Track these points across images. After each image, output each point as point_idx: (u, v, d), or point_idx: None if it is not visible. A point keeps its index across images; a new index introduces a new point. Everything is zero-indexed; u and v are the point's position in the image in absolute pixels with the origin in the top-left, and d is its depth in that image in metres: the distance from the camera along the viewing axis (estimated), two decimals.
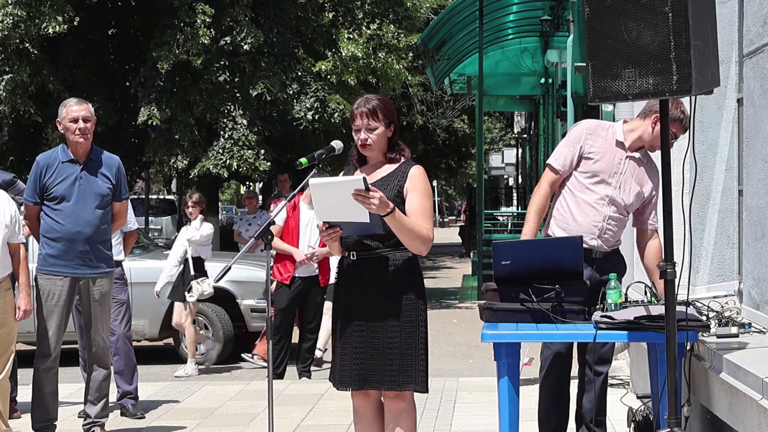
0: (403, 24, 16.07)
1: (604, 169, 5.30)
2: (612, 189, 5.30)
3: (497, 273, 4.85)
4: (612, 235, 5.35)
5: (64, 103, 6.49)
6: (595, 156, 5.32)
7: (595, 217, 5.30)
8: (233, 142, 14.31)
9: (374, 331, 4.54)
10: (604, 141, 5.35)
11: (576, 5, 14.80)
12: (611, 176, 5.30)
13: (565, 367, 5.46)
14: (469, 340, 12.12)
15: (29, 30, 13.28)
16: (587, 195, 5.33)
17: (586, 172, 5.33)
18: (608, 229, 5.32)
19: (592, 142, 5.34)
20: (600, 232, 5.30)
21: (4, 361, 6.06)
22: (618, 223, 5.36)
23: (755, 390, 4.00)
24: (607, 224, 5.31)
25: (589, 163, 5.32)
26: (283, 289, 9.04)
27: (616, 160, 5.32)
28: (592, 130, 5.39)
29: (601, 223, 5.30)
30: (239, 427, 7.03)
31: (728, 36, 5.81)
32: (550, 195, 5.43)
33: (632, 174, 5.33)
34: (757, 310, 5.03)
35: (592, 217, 5.30)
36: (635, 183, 5.33)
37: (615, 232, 5.35)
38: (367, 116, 4.58)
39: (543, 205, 5.42)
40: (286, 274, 9.00)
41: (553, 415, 5.45)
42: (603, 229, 5.30)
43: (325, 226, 4.48)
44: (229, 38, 14.25)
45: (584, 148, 5.34)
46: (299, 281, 9.02)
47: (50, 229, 6.33)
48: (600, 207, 5.30)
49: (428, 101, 27.50)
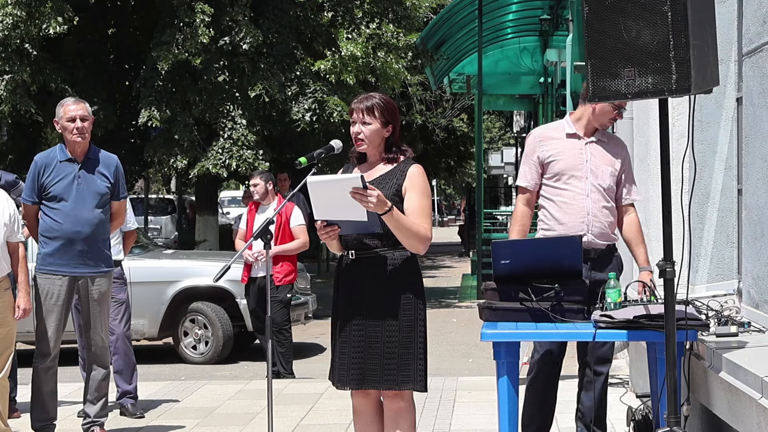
0: (403, 23, 16.07)
1: (569, 165, 5.34)
2: (585, 180, 5.31)
3: (497, 272, 4.85)
4: (602, 227, 5.32)
5: (61, 103, 6.49)
6: (555, 157, 5.36)
7: (579, 213, 5.30)
8: (232, 142, 14.32)
9: (373, 330, 4.54)
10: (558, 141, 5.40)
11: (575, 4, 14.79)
12: (579, 169, 5.33)
13: (553, 373, 5.44)
14: (469, 340, 12.12)
15: (29, 30, 13.28)
16: (564, 195, 5.34)
17: (554, 175, 5.36)
18: (596, 223, 5.30)
19: (546, 146, 5.40)
20: (588, 227, 5.29)
21: (4, 361, 6.06)
22: (604, 213, 5.34)
23: (754, 389, 4.00)
24: (593, 217, 5.30)
25: (552, 166, 5.36)
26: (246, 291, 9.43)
27: (576, 152, 5.35)
28: (542, 136, 5.48)
29: (587, 217, 5.30)
30: (239, 426, 7.03)
31: (727, 35, 5.81)
32: (529, 213, 5.48)
33: (599, 157, 5.36)
34: (757, 309, 5.03)
35: (576, 214, 5.30)
36: (605, 164, 5.35)
37: (604, 224, 5.33)
38: (363, 112, 4.58)
39: (523, 226, 5.47)
40: (244, 275, 9.29)
41: (536, 418, 5.43)
42: (590, 223, 5.29)
43: (323, 225, 4.48)
44: (229, 38, 14.25)
45: (541, 156, 5.39)
46: (255, 281, 9.24)
47: (49, 228, 6.33)
48: (580, 202, 5.30)
49: (427, 101, 27.50)
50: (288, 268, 9.21)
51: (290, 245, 9.15)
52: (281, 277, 9.16)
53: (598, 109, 5.33)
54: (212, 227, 17.03)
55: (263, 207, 9.30)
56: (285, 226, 9.16)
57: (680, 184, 4.69)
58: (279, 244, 9.08)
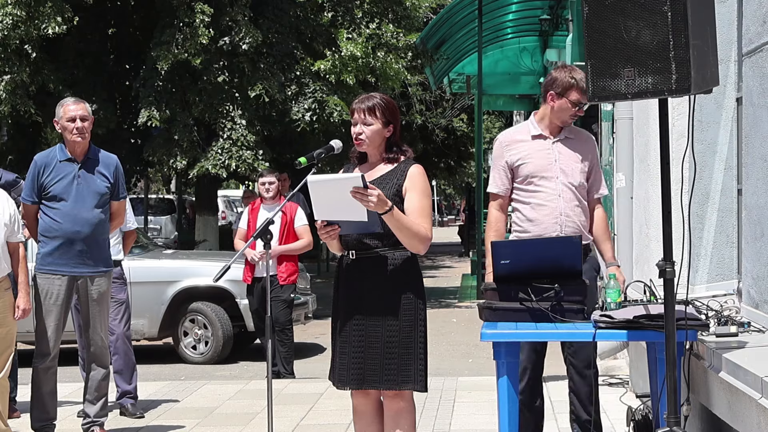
0: (402, 23, 16.08)
1: (538, 167, 5.33)
2: (556, 180, 5.30)
3: (496, 272, 4.85)
4: (575, 227, 5.30)
5: (61, 103, 6.49)
6: (523, 160, 5.36)
7: (552, 214, 5.30)
8: (232, 142, 14.31)
9: (373, 330, 4.54)
10: (524, 143, 5.40)
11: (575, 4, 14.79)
12: (548, 169, 5.32)
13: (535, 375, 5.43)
14: (469, 340, 12.12)
15: (29, 30, 13.28)
16: (537, 197, 5.33)
17: (524, 178, 5.35)
18: (568, 223, 5.29)
19: (513, 150, 5.40)
20: (561, 228, 5.28)
21: (4, 361, 6.06)
22: (577, 212, 5.33)
23: (754, 389, 4.00)
24: (566, 217, 5.29)
25: (522, 169, 5.36)
26: (248, 291, 9.36)
27: (544, 153, 5.35)
28: (507, 141, 5.47)
29: (560, 217, 5.29)
30: (238, 426, 7.03)
31: (727, 35, 5.80)
32: (503, 218, 5.48)
33: (567, 155, 5.36)
34: (757, 309, 5.03)
35: (549, 215, 5.30)
36: (574, 162, 5.35)
37: (577, 223, 5.32)
38: (365, 112, 4.58)
39: (498, 231, 5.46)
40: (247, 275, 9.24)
41: (530, 422, 5.42)
42: (563, 223, 5.29)
43: (323, 224, 4.48)
44: (228, 38, 14.24)
45: (509, 160, 5.39)
46: (259, 281, 9.17)
47: (48, 228, 6.33)
48: (553, 202, 5.30)
49: (427, 101, 27.50)
50: (292, 268, 9.22)
51: (295, 245, 9.15)
52: (285, 277, 9.16)
53: (557, 106, 5.33)
54: (212, 227, 17.04)
55: (271, 206, 9.19)
56: (290, 226, 9.16)
57: (680, 184, 4.69)
58: (283, 244, 9.09)
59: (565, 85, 5.32)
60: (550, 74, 5.46)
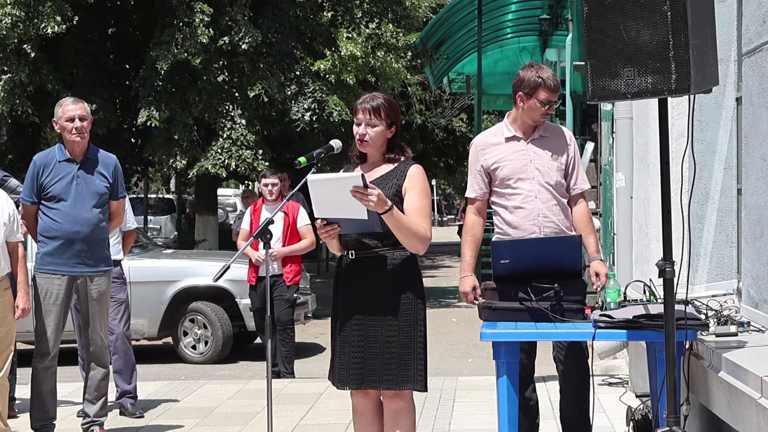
0: (402, 23, 16.08)
1: (513, 169, 5.29)
2: (532, 181, 5.27)
3: (496, 272, 4.85)
4: (553, 227, 5.24)
5: (60, 103, 6.49)
6: (498, 163, 5.32)
7: (529, 216, 5.26)
8: (232, 141, 14.32)
9: (373, 330, 4.54)
10: (498, 146, 5.36)
11: (575, 4, 14.80)
12: (524, 171, 5.28)
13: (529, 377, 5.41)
14: (468, 339, 12.13)
15: (27, 30, 13.27)
16: (513, 199, 5.30)
17: (502, 180, 5.32)
18: (546, 223, 5.24)
19: (488, 154, 5.36)
20: (540, 228, 5.24)
21: (3, 360, 6.06)
22: (555, 212, 5.28)
23: (754, 389, 4.00)
24: (543, 218, 5.25)
25: (497, 172, 5.32)
26: (252, 291, 9.35)
27: (519, 155, 5.31)
28: (482, 144, 5.44)
29: (537, 218, 5.25)
30: (238, 426, 7.03)
31: (727, 35, 5.80)
32: (479, 222, 5.46)
33: (542, 155, 5.31)
34: (756, 308, 5.03)
35: (526, 217, 5.26)
36: (550, 160, 5.30)
37: (556, 222, 5.27)
38: (370, 113, 4.58)
39: (474, 235, 5.44)
40: (252, 275, 9.26)
41: (524, 426, 5.39)
42: (541, 224, 5.24)
43: (323, 223, 4.48)
44: (228, 38, 14.25)
45: (485, 164, 5.36)
46: (263, 281, 9.14)
47: (48, 228, 6.33)
48: (529, 204, 5.26)
49: (427, 100, 27.51)
50: (297, 269, 9.24)
51: (299, 245, 9.16)
52: (291, 277, 9.17)
53: (527, 107, 5.28)
54: (212, 227, 17.04)
55: (273, 207, 9.16)
56: (293, 227, 9.16)
57: (680, 184, 4.69)
58: (287, 244, 9.08)
59: (533, 84, 5.24)
60: (518, 74, 5.37)
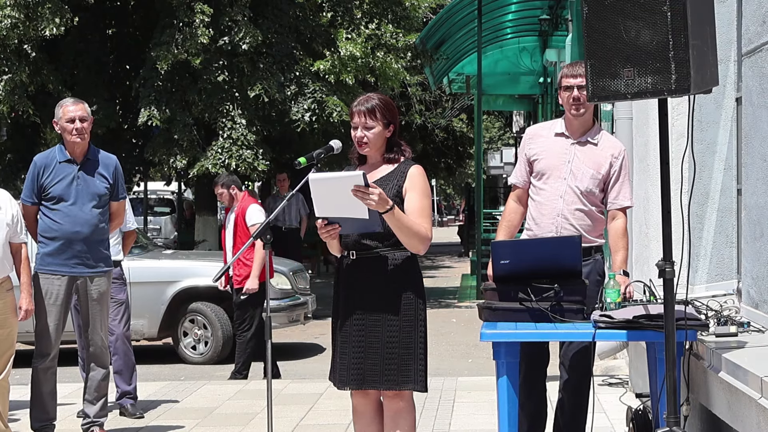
0: (402, 23, 16.06)
1: (549, 164, 5.32)
2: (563, 181, 5.27)
3: (496, 272, 4.84)
4: (572, 230, 5.19)
5: (60, 104, 6.49)
6: (538, 156, 5.37)
7: (551, 214, 5.27)
8: (232, 141, 14.31)
9: (373, 330, 4.54)
10: (545, 139, 5.40)
11: (575, 4, 14.79)
12: (559, 169, 5.30)
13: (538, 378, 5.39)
14: (468, 340, 12.12)
15: (27, 31, 13.27)
16: (541, 195, 5.33)
17: (537, 174, 5.36)
18: (565, 225, 5.23)
19: (533, 144, 5.42)
20: (557, 229, 5.24)
21: (5, 362, 6.07)
22: (577, 216, 5.25)
23: (754, 389, 4.00)
24: (563, 219, 5.24)
25: (536, 164, 5.37)
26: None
27: (560, 152, 5.33)
28: (532, 134, 5.51)
29: (557, 218, 5.25)
30: (238, 426, 7.03)
31: (727, 35, 5.80)
32: (518, 210, 5.49)
33: (583, 159, 5.30)
34: (756, 309, 5.03)
35: (548, 215, 5.29)
36: (587, 167, 5.28)
37: (576, 226, 5.23)
38: (365, 115, 4.57)
39: (510, 222, 5.47)
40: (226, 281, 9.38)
41: (523, 425, 5.37)
42: (559, 225, 5.24)
43: (323, 223, 4.48)
44: (228, 38, 14.24)
45: (528, 153, 5.42)
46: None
47: (48, 228, 6.33)
48: (553, 203, 5.27)
49: (427, 101, 27.48)
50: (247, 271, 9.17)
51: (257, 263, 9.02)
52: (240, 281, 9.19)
53: (561, 101, 5.34)
54: (211, 227, 17.02)
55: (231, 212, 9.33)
56: (242, 226, 9.17)
57: (680, 184, 4.69)
58: (237, 243, 9.08)
59: (559, 77, 5.36)
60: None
